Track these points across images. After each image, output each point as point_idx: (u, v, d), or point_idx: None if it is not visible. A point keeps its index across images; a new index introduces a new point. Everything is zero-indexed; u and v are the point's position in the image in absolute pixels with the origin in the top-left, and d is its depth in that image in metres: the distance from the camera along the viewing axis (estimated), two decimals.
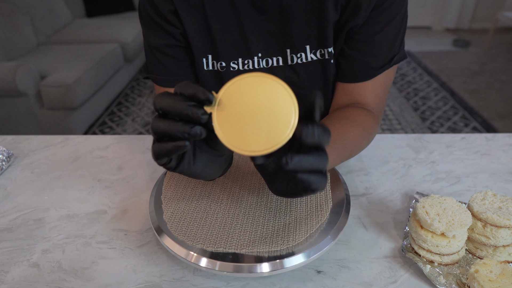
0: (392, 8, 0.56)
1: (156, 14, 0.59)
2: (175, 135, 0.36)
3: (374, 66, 0.60)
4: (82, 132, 2.36)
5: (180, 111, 0.35)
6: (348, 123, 0.58)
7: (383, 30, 0.58)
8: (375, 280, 0.47)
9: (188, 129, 0.35)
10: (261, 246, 0.45)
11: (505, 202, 0.50)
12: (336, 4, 0.56)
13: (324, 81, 0.63)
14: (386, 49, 0.60)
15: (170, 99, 0.36)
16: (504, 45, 3.83)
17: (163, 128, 0.36)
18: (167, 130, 0.36)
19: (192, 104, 0.35)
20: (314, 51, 0.60)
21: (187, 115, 0.35)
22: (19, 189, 0.67)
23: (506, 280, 0.42)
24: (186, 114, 0.35)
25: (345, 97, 0.64)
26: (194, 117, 0.35)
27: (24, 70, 2.09)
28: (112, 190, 0.66)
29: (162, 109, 0.37)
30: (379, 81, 0.62)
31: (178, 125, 0.36)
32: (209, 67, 0.63)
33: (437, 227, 0.46)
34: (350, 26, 0.57)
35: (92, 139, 0.82)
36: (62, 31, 3.01)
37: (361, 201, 0.61)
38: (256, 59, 0.62)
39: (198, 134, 0.35)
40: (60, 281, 0.49)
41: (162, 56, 0.63)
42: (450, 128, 2.38)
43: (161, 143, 0.37)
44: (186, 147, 0.36)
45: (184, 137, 0.36)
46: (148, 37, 0.62)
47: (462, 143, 0.76)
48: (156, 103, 0.37)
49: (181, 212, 0.51)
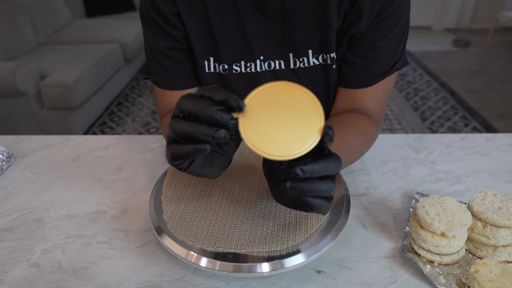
0: (395, 15, 0.56)
1: (158, 16, 0.59)
2: (198, 138, 0.35)
3: (377, 73, 0.60)
4: (82, 132, 2.36)
5: (209, 115, 0.35)
6: (350, 130, 0.58)
7: (386, 37, 0.58)
8: (375, 280, 0.48)
9: (212, 132, 0.35)
10: (261, 246, 0.45)
11: (505, 202, 0.50)
12: (339, 9, 0.56)
13: (326, 85, 0.63)
14: (388, 56, 0.60)
15: (199, 102, 0.36)
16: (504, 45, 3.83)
17: (186, 129, 0.36)
18: (191, 131, 0.36)
19: (221, 109, 0.35)
20: (317, 56, 0.60)
21: (216, 120, 0.35)
22: (19, 189, 0.67)
23: (506, 280, 0.42)
24: (215, 118, 0.35)
25: (347, 102, 0.64)
26: (223, 121, 0.35)
27: (24, 70, 2.09)
28: (112, 190, 0.66)
29: (188, 111, 0.36)
30: (381, 87, 0.62)
31: (203, 128, 0.35)
32: (211, 70, 0.63)
33: (437, 227, 0.46)
34: (353, 32, 0.57)
35: (92, 139, 0.82)
36: (62, 31, 3.01)
37: (361, 201, 0.61)
38: (259, 62, 0.61)
39: (223, 138, 0.35)
40: (60, 281, 0.49)
41: (163, 58, 0.62)
42: (450, 128, 2.38)
43: (179, 145, 0.37)
44: (207, 150, 0.36)
45: (208, 140, 0.35)
46: (149, 38, 0.62)
47: (462, 143, 0.76)
48: (182, 105, 0.37)
49: (181, 212, 0.51)
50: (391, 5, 0.55)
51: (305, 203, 0.39)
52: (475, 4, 4.31)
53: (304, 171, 0.35)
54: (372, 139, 0.62)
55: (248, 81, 0.63)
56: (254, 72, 0.62)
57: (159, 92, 0.67)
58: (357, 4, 0.55)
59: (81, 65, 2.34)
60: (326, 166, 0.36)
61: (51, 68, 2.30)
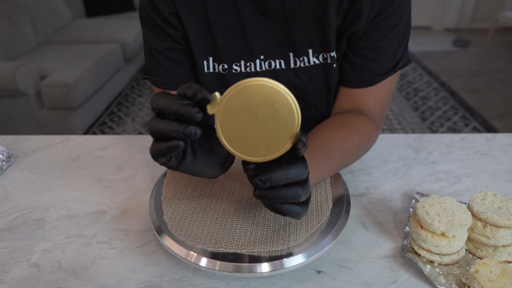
0: (395, 15, 0.56)
1: (157, 16, 0.59)
2: (170, 135, 0.36)
3: (379, 72, 0.60)
4: (82, 132, 2.36)
5: (174, 110, 0.35)
6: (346, 131, 0.57)
7: (387, 36, 0.58)
8: (375, 280, 0.47)
9: (182, 128, 0.35)
10: (262, 246, 0.45)
11: (505, 202, 0.50)
12: (339, 8, 0.56)
13: (326, 85, 0.63)
14: (390, 55, 0.60)
15: (166, 98, 0.36)
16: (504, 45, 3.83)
17: (159, 127, 0.37)
18: (163, 129, 0.36)
19: (186, 103, 0.35)
20: (317, 55, 0.60)
21: (181, 114, 0.35)
22: (19, 189, 0.67)
23: (506, 280, 0.42)
24: (180, 112, 0.35)
25: (348, 102, 0.64)
26: (188, 115, 0.35)
27: (24, 70, 2.09)
28: (112, 190, 0.66)
29: (157, 108, 0.37)
30: (383, 87, 0.62)
31: (173, 125, 0.36)
32: (210, 70, 0.63)
33: (437, 227, 0.46)
34: (352, 31, 0.57)
35: (92, 139, 0.82)
36: (62, 31, 3.01)
37: (361, 201, 0.61)
38: (258, 62, 0.61)
39: (193, 134, 0.35)
40: (60, 281, 0.49)
41: (163, 59, 0.62)
42: (450, 128, 2.38)
43: (157, 143, 0.37)
44: (180, 147, 0.36)
45: (179, 137, 0.36)
46: (149, 39, 0.62)
47: (462, 143, 0.76)
48: (152, 103, 0.37)
49: (181, 212, 0.51)
50: (391, 4, 0.55)
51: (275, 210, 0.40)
52: (475, 4, 4.31)
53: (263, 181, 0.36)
54: (371, 140, 0.62)
55: None
56: (254, 72, 0.62)
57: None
58: (356, 3, 0.55)
59: (81, 65, 2.34)
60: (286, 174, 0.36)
61: (51, 68, 2.30)
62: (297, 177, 0.37)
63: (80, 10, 3.47)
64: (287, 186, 0.38)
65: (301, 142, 0.36)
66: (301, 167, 0.38)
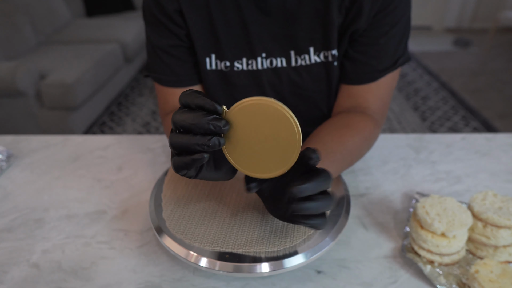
0: (396, 12, 0.57)
1: (161, 14, 0.59)
2: (194, 149, 0.37)
3: (379, 69, 0.60)
4: (82, 132, 2.36)
5: (203, 127, 0.36)
6: (348, 132, 0.57)
7: (388, 33, 0.58)
8: (375, 280, 0.47)
9: (206, 141, 0.36)
10: (258, 247, 0.45)
11: (505, 202, 0.50)
12: (340, 6, 0.57)
13: (327, 83, 0.63)
14: (391, 52, 0.60)
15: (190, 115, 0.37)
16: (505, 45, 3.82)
17: (182, 142, 0.37)
18: (186, 144, 0.37)
19: (211, 118, 0.36)
20: (318, 53, 0.61)
21: (210, 130, 0.36)
22: (19, 189, 0.67)
23: (506, 280, 0.42)
24: (209, 129, 0.36)
25: (348, 99, 0.64)
26: (216, 130, 0.36)
27: (24, 70, 2.09)
28: (112, 190, 0.66)
29: (183, 127, 0.37)
30: (383, 84, 0.62)
31: (197, 139, 0.36)
32: (212, 67, 0.63)
33: (437, 227, 0.46)
34: (354, 29, 0.58)
35: (92, 139, 0.82)
36: (62, 30, 3.01)
37: (361, 201, 0.61)
38: (260, 59, 0.62)
39: (217, 145, 0.37)
40: (60, 281, 0.49)
41: (166, 56, 0.63)
42: (450, 128, 2.38)
43: (180, 157, 0.38)
44: (205, 159, 0.37)
45: (204, 150, 0.37)
46: (152, 37, 0.62)
47: (462, 143, 0.76)
48: (177, 122, 0.38)
49: (180, 210, 0.51)
50: (392, 2, 0.56)
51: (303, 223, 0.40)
52: (476, 4, 4.31)
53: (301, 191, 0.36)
54: (372, 139, 0.62)
55: (250, 78, 0.63)
56: (255, 70, 0.62)
57: (162, 91, 0.66)
58: (357, 1, 0.55)
59: (81, 65, 2.34)
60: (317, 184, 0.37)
61: (51, 68, 2.30)
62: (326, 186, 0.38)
63: (80, 10, 3.47)
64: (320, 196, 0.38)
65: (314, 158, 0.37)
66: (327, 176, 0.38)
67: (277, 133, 0.36)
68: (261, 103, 0.36)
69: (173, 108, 0.66)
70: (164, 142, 0.80)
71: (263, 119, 0.36)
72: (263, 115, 0.36)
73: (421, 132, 2.36)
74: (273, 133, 0.37)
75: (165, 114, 0.67)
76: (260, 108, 0.36)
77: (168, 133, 0.64)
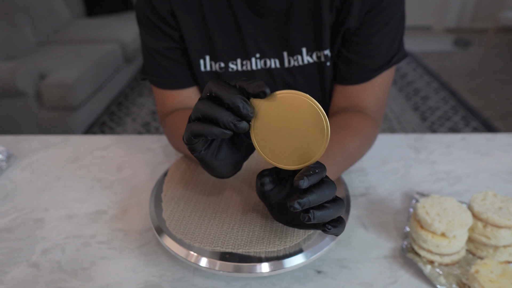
0: (389, 9, 0.56)
1: (155, 17, 0.59)
2: (222, 121, 0.36)
3: (373, 68, 0.60)
4: (82, 132, 2.36)
5: (233, 101, 0.36)
6: (347, 133, 0.57)
7: (380, 32, 0.58)
8: (375, 280, 0.47)
9: (235, 120, 0.36)
10: (258, 247, 0.45)
11: (505, 202, 0.50)
12: (331, 6, 0.57)
13: (320, 83, 0.63)
14: (384, 51, 0.59)
15: (227, 86, 0.37)
16: (505, 45, 3.82)
17: (212, 111, 0.37)
18: (216, 114, 0.36)
19: (245, 99, 0.36)
20: (310, 54, 0.61)
21: (238, 107, 0.36)
22: (19, 189, 0.67)
23: (506, 280, 0.42)
24: (237, 106, 0.36)
25: (345, 100, 0.64)
26: (243, 111, 0.36)
27: (24, 70, 2.09)
28: (112, 190, 0.66)
29: (216, 93, 0.37)
30: (378, 83, 0.62)
31: (228, 114, 0.36)
32: (207, 68, 0.63)
33: (437, 227, 0.46)
34: (346, 28, 0.58)
35: (92, 139, 0.82)
36: (62, 31, 3.01)
37: (361, 201, 0.61)
38: (254, 60, 0.62)
39: (243, 129, 0.36)
40: (60, 281, 0.49)
41: (162, 59, 0.62)
42: (450, 128, 2.38)
43: (204, 124, 0.37)
44: (227, 135, 0.37)
45: (229, 127, 0.36)
46: (147, 39, 0.62)
47: (462, 143, 0.76)
48: (212, 86, 0.37)
49: (180, 210, 0.51)
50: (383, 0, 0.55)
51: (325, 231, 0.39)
52: (476, 4, 4.31)
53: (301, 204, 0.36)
54: (372, 138, 0.62)
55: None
56: (250, 71, 0.62)
57: (159, 93, 0.66)
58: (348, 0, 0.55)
59: (81, 65, 2.34)
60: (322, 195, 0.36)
61: (51, 68, 2.30)
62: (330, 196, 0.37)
63: (80, 10, 3.47)
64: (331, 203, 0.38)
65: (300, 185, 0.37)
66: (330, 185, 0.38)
67: (306, 128, 0.37)
68: (295, 96, 0.36)
69: (171, 110, 0.66)
70: (164, 142, 0.80)
71: (294, 112, 0.37)
72: (295, 108, 0.37)
73: (421, 132, 2.36)
74: (302, 127, 0.37)
75: (164, 116, 0.67)
76: (293, 100, 0.36)
77: (168, 136, 0.64)
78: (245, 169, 0.58)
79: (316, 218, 0.36)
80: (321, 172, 0.37)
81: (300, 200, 0.35)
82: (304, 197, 0.35)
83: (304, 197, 0.35)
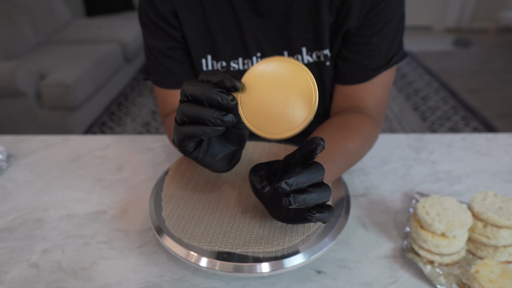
0: (388, 9, 0.57)
1: (157, 17, 0.60)
2: (208, 119, 0.36)
3: (372, 68, 0.60)
4: (82, 132, 2.36)
5: (210, 97, 0.36)
6: (347, 133, 0.57)
7: (380, 32, 0.58)
8: (375, 280, 0.47)
9: (221, 115, 0.36)
10: (256, 247, 0.45)
11: (505, 202, 0.50)
12: (331, 6, 0.57)
13: (320, 83, 0.64)
14: (384, 51, 0.60)
15: (200, 85, 0.37)
16: (505, 44, 3.82)
17: (196, 112, 0.37)
18: (200, 114, 0.36)
19: (221, 90, 0.36)
20: (310, 53, 0.61)
21: (217, 101, 0.36)
22: (19, 189, 0.67)
23: (506, 280, 0.42)
24: (216, 100, 0.36)
25: (345, 100, 0.64)
26: (223, 103, 0.36)
27: (24, 70, 2.09)
28: (112, 190, 0.66)
29: (192, 95, 0.37)
30: (378, 83, 0.62)
31: (212, 111, 0.36)
32: (209, 68, 0.63)
33: (437, 227, 0.46)
34: (346, 28, 0.58)
35: (92, 139, 0.82)
36: (62, 30, 3.01)
37: (361, 201, 0.61)
38: (255, 59, 0.62)
39: (230, 121, 0.36)
40: (60, 281, 0.49)
41: (164, 59, 0.63)
42: (450, 128, 2.38)
43: (191, 126, 0.37)
44: (219, 131, 0.37)
45: (217, 123, 0.36)
46: (149, 40, 0.62)
47: (462, 143, 0.76)
48: (186, 89, 0.37)
49: (179, 210, 0.51)
50: (383, 0, 0.56)
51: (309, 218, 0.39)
52: (476, 4, 4.31)
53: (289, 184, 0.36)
54: (372, 138, 0.62)
55: None
56: None
57: (161, 93, 0.66)
58: (347, 0, 0.56)
59: (81, 65, 2.34)
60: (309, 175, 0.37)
61: (51, 68, 2.30)
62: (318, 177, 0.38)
63: (80, 10, 3.47)
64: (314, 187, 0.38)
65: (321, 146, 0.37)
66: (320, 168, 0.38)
67: (294, 93, 0.36)
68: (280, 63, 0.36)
69: (173, 109, 0.66)
70: (164, 142, 0.80)
71: (281, 79, 0.36)
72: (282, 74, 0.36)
73: (421, 132, 2.36)
74: (289, 93, 0.36)
75: (166, 115, 0.67)
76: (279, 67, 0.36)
77: (169, 135, 0.65)
78: (246, 169, 0.58)
79: (298, 202, 0.36)
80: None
81: (288, 180, 0.35)
82: (292, 177, 0.35)
83: (291, 177, 0.35)
